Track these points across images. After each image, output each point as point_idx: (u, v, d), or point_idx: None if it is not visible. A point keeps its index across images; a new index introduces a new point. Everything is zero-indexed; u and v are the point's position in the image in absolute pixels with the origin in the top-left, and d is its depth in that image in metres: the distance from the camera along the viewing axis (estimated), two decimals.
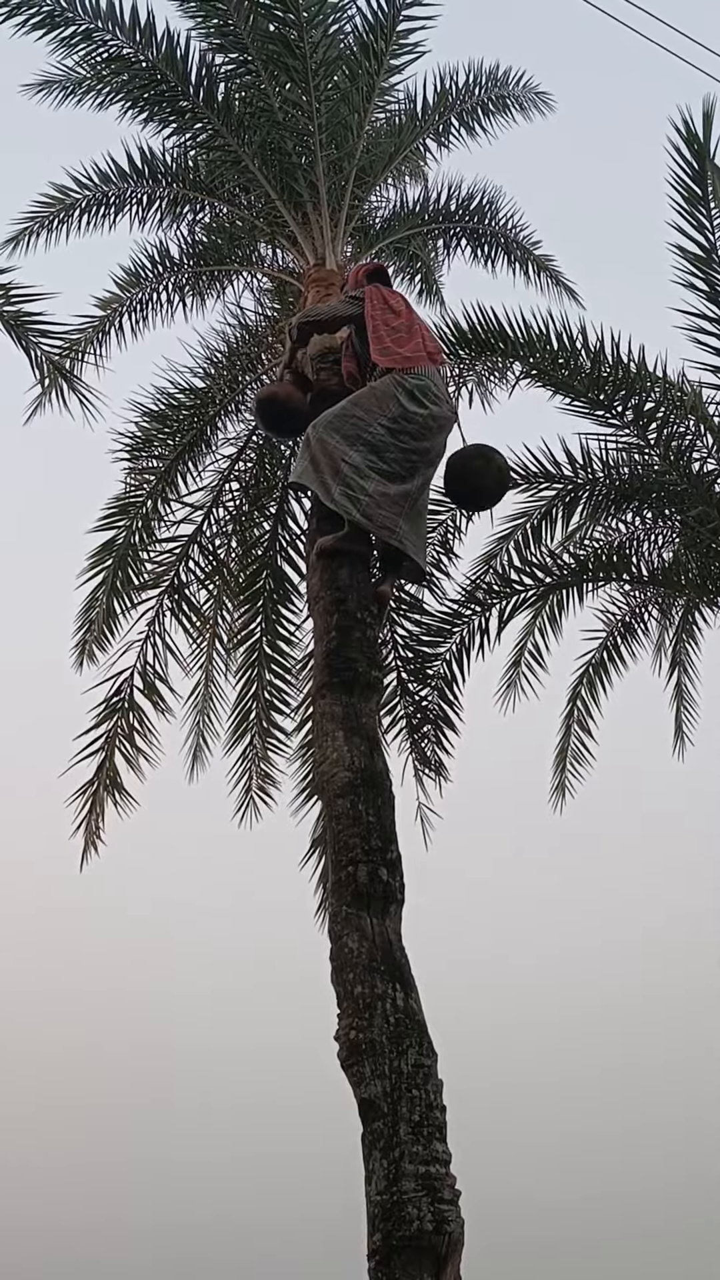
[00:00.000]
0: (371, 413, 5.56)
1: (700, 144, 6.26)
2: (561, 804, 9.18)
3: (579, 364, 7.47)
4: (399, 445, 5.54)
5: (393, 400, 5.57)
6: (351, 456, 5.46)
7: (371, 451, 5.49)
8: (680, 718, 9.44)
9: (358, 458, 5.47)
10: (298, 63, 7.37)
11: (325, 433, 5.54)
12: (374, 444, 5.50)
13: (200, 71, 7.88)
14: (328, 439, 5.52)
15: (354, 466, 5.45)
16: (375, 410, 5.56)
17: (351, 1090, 4.33)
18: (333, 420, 5.58)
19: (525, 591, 7.95)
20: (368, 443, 5.50)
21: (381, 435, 5.52)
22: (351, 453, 5.47)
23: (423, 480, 5.72)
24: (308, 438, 5.67)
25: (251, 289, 8.76)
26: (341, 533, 5.56)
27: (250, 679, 8.48)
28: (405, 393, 5.57)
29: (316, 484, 5.52)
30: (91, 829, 8.09)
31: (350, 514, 5.45)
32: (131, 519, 8.26)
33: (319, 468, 5.51)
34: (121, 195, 8.53)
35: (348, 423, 5.55)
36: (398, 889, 4.72)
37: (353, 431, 5.52)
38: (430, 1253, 3.96)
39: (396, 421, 5.54)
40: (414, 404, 5.58)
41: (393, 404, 5.56)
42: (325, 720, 5.17)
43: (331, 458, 5.48)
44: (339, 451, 5.47)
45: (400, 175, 8.85)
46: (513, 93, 9.27)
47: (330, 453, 5.49)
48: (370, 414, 5.56)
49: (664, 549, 8.17)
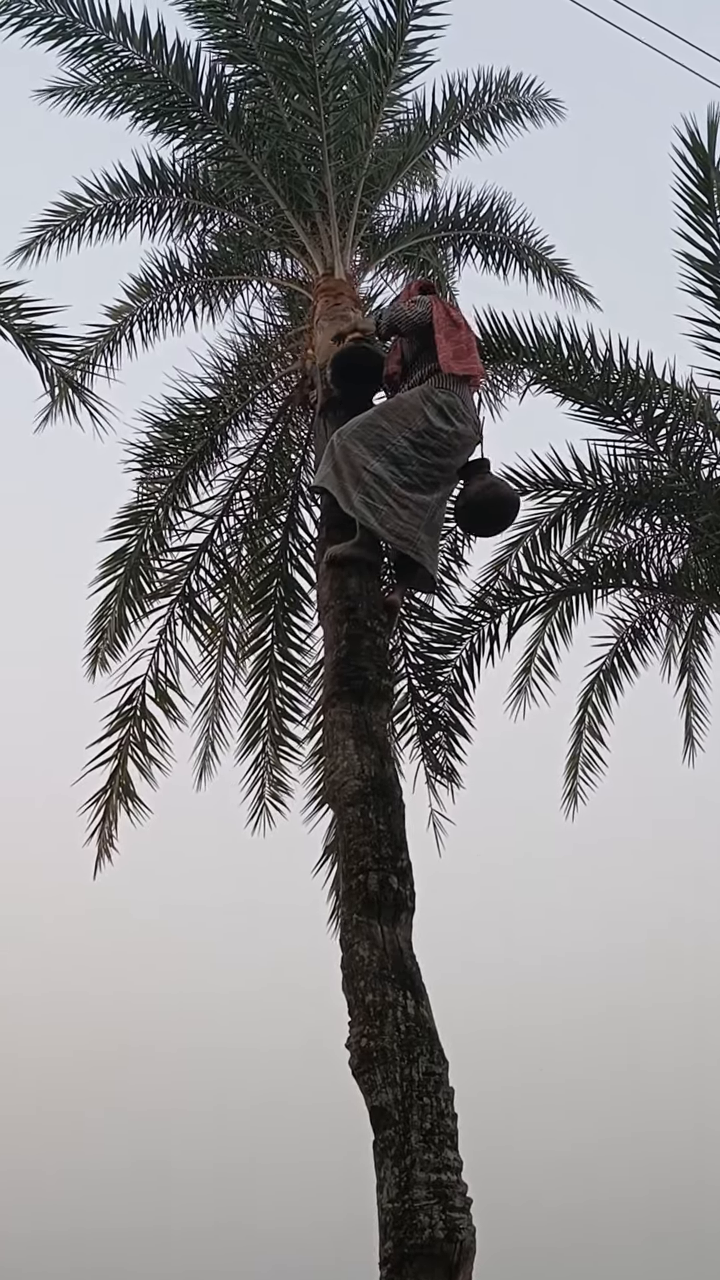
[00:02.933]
0: (397, 425, 5.60)
1: (705, 153, 6.26)
2: (573, 810, 9.19)
3: (588, 370, 7.48)
4: (421, 459, 5.57)
5: (419, 414, 5.61)
6: (373, 465, 5.50)
7: (393, 463, 5.52)
8: (690, 724, 9.43)
9: (379, 467, 5.50)
10: (306, 74, 7.41)
11: (349, 441, 5.58)
12: (396, 456, 5.53)
13: (210, 82, 7.94)
14: (351, 447, 5.55)
15: (375, 476, 5.49)
16: (400, 423, 5.60)
17: (363, 1098, 4.35)
18: (357, 429, 5.62)
19: (535, 598, 7.96)
20: (390, 454, 5.53)
21: (405, 448, 5.55)
22: (374, 462, 5.50)
23: (442, 495, 5.77)
24: (331, 444, 5.70)
25: (261, 298, 8.80)
26: (353, 540, 5.59)
27: (262, 687, 8.51)
28: (434, 408, 5.63)
29: (337, 490, 5.55)
30: (105, 836, 8.12)
31: (368, 522, 5.48)
32: (143, 528, 8.30)
33: (340, 474, 5.54)
34: (132, 205, 8.57)
35: (372, 432, 5.59)
36: (408, 897, 4.75)
37: (376, 441, 5.56)
38: (442, 1261, 3.97)
39: (421, 436, 5.58)
40: (441, 419, 5.61)
41: (419, 418, 5.60)
42: (335, 729, 5.20)
43: (353, 466, 5.51)
44: (361, 460, 5.51)
45: (410, 184, 8.87)
46: (523, 99, 9.29)
47: (352, 461, 5.52)
48: (395, 425, 5.60)
49: (673, 555, 8.18)
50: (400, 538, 5.54)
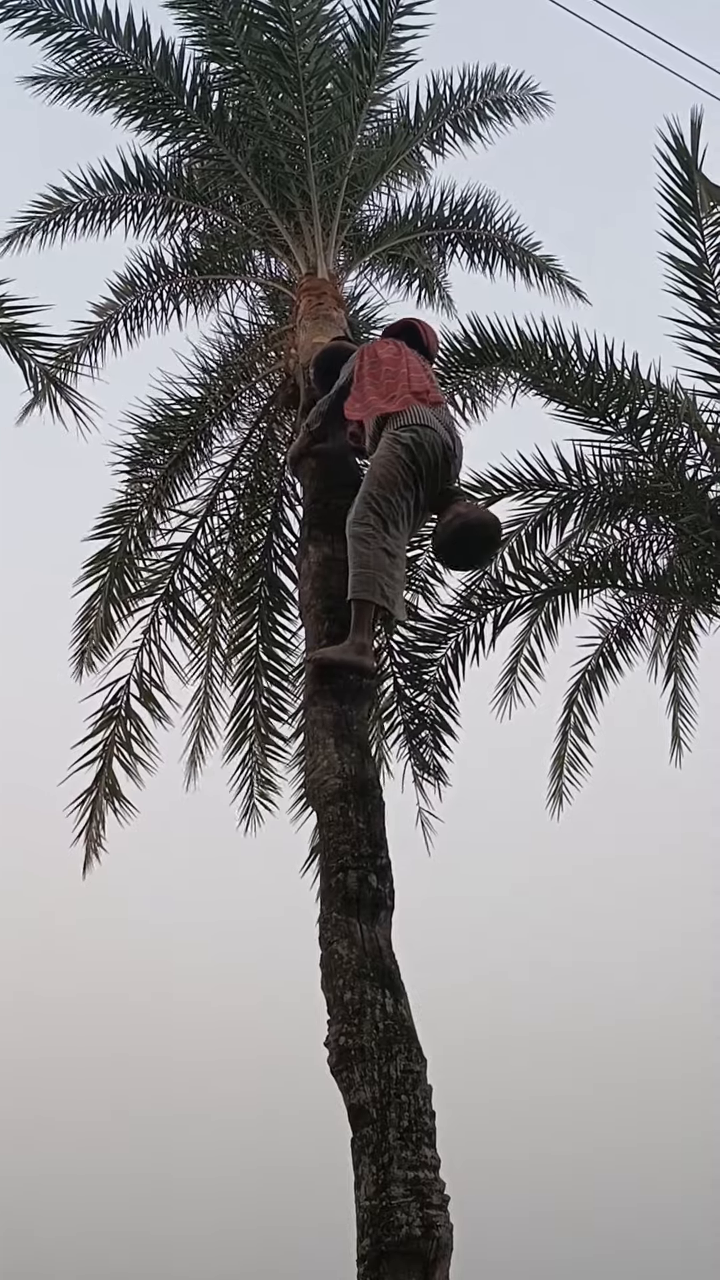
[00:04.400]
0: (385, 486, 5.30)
1: (688, 155, 6.28)
2: (559, 810, 9.20)
3: (573, 372, 7.48)
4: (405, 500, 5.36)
5: (397, 464, 5.33)
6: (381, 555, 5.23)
7: (386, 529, 5.28)
8: (677, 724, 9.45)
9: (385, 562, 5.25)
10: (290, 72, 7.41)
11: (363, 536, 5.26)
12: (392, 552, 5.30)
13: (194, 80, 7.95)
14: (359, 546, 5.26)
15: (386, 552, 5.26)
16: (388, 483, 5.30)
17: (341, 1096, 4.34)
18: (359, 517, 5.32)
19: (521, 598, 7.95)
20: (389, 553, 5.28)
21: (396, 504, 5.31)
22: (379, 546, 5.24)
23: None
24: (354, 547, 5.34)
25: (245, 297, 8.79)
26: None
27: (248, 686, 8.51)
28: (404, 448, 5.36)
29: (378, 596, 5.23)
30: (92, 836, 8.12)
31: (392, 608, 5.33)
32: (127, 527, 8.29)
33: (373, 581, 5.22)
34: (117, 201, 8.57)
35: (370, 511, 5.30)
36: (387, 895, 4.73)
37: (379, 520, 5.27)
38: (419, 1258, 3.95)
39: (404, 484, 5.34)
40: (419, 456, 5.36)
41: (397, 467, 5.32)
42: (316, 727, 5.19)
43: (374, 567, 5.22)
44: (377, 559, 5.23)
45: (395, 182, 8.87)
46: (509, 95, 9.28)
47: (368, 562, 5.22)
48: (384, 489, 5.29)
49: (659, 555, 8.19)
50: (394, 605, 5.42)
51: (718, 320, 6.84)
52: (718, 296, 6.80)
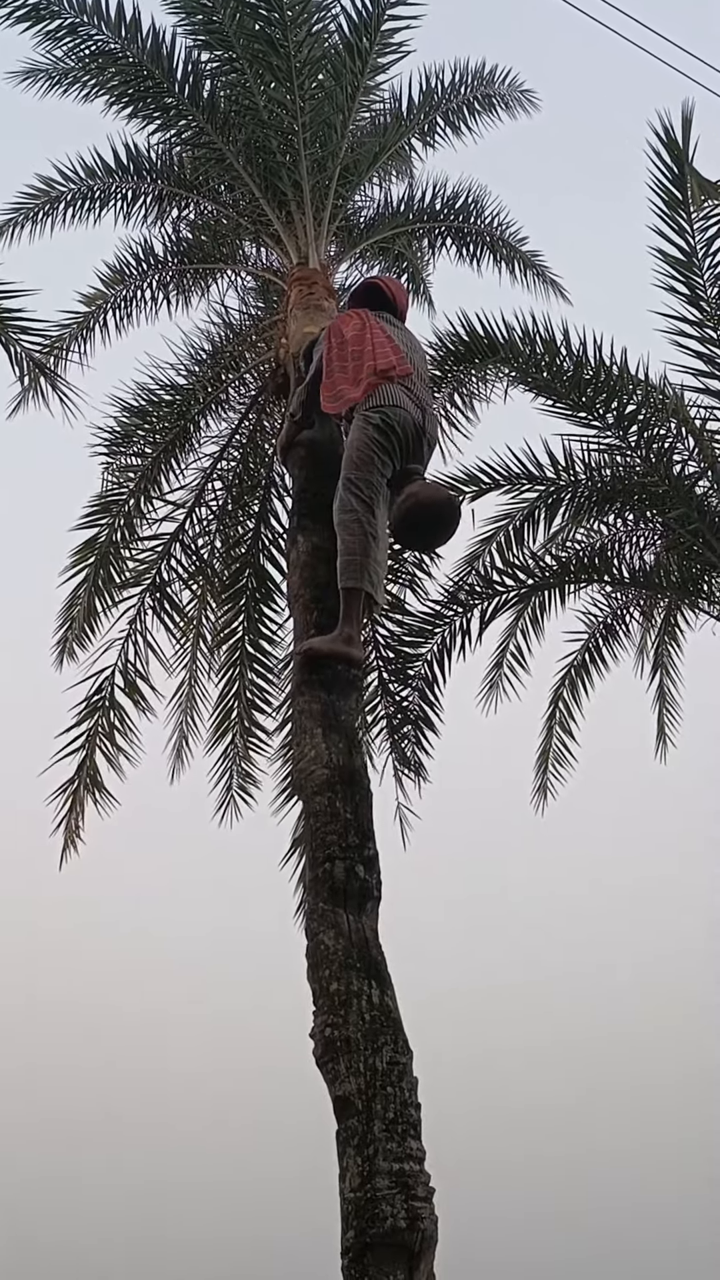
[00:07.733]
0: (363, 469, 5.27)
1: (679, 149, 6.28)
2: (543, 805, 9.20)
3: (561, 367, 7.48)
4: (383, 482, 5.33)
5: (372, 445, 5.27)
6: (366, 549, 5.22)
7: (374, 539, 5.24)
8: (663, 720, 9.47)
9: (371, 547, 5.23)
10: (282, 61, 7.38)
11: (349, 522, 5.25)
12: (376, 535, 5.25)
13: (186, 68, 7.89)
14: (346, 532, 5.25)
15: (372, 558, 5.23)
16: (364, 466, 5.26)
17: (326, 1087, 4.32)
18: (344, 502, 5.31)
19: (507, 592, 7.96)
20: (374, 536, 5.24)
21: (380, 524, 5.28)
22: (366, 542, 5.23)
23: None
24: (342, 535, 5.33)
25: (236, 287, 8.74)
26: None
27: (233, 678, 8.48)
28: (375, 429, 5.28)
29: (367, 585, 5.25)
30: (71, 827, 8.07)
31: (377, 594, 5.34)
32: (114, 517, 8.23)
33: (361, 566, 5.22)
34: (106, 190, 8.49)
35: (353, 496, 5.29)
36: (374, 886, 4.72)
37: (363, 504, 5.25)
38: (403, 1250, 3.95)
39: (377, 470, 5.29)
40: (391, 435, 5.30)
41: (373, 449, 5.27)
42: (304, 717, 5.17)
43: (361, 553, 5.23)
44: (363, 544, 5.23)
45: (386, 174, 8.84)
46: (498, 91, 9.27)
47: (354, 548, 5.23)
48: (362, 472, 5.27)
49: (645, 551, 8.21)
50: (379, 592, 5.39)
51: (706, 315, 6.86)
52: (707, 291, 6.81)
